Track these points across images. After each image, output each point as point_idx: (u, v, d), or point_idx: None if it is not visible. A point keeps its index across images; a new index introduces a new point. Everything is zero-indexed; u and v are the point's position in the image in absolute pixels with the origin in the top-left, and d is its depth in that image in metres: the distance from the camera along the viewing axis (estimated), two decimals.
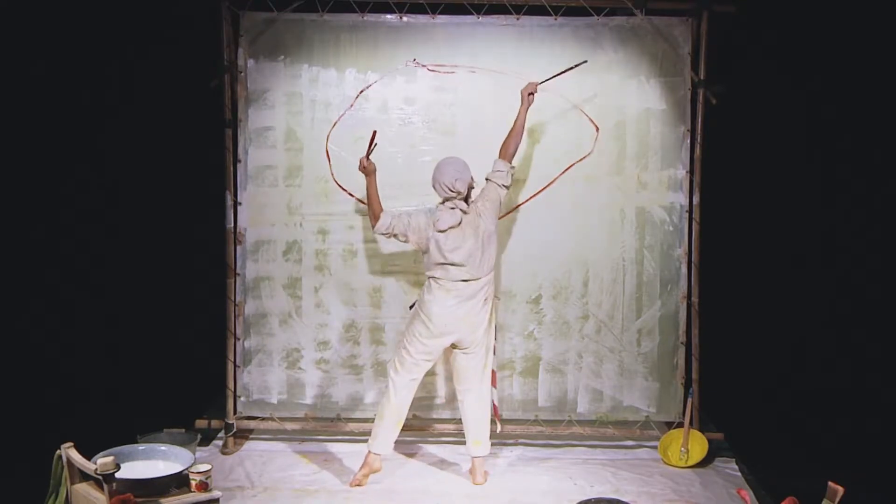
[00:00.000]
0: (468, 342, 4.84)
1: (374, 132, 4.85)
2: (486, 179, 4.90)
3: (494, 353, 5.03)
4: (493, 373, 5.05)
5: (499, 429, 5.10)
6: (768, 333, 5.93)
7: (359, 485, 4.80)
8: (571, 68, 5.09)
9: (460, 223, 4.74)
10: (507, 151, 4.91)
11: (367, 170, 4.82)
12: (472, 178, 4.82)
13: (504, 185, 4.88)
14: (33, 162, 5.53)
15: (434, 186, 4.79)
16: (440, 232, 4.73)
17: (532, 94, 4.97)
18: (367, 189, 4.85)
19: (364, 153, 4.83)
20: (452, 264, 4.73)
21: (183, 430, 5.16)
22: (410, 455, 5.30)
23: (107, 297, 5.82)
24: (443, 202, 4.79)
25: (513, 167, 4.93)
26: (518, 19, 5.33)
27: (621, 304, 5.44)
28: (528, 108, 4.97)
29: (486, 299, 4.83)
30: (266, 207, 5.41)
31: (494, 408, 5.10)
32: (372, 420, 4.95)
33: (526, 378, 5.47)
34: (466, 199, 4.82)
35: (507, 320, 5.44)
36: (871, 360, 5.72)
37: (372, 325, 5.43)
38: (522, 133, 4.99)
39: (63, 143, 5.62)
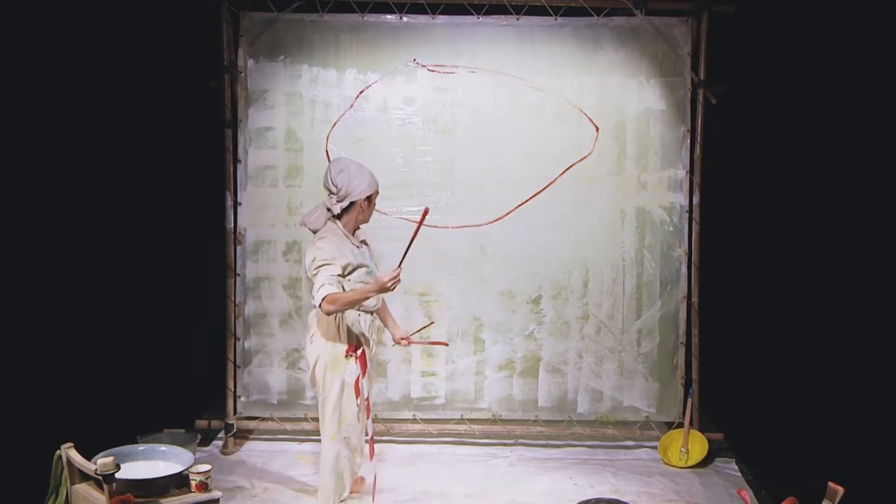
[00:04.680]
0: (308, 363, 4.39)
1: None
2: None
3: (367, 418, 4.41)
4: (371, 442, 4.46)
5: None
6: (768, 333, 5.92)
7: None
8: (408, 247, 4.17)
9: (320, 228, 4.25)
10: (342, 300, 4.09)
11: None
12: (357, 194, 4.19)
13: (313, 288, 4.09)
14: (34, 162, 5.52)
15: None
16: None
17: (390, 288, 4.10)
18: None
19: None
20: None
21: (183, 430, 5.15)
22: (410, 455, 5.29)
23: (106, 296, 5.81)
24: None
25: (313, 304, 4.14)
26: (518, 19, 5.33)
27: (621, 305, 5.44)
28: (376, 291, 4.11)
29: (311, 336, 4.32)
30: (266, 207, 5.41)
31: (357, 478, 4.60)
32: (374, 419, 4.94)
33: (526, 378, 5.47)
34: (342, 216, 4.26)
35: (508, 320, 5.44)
36: (872, 359, 5.72)
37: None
38: (349, 306, 4.14)
39: (63, 144, 5.62)
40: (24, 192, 5.49)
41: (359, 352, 4.32)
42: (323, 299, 4.03)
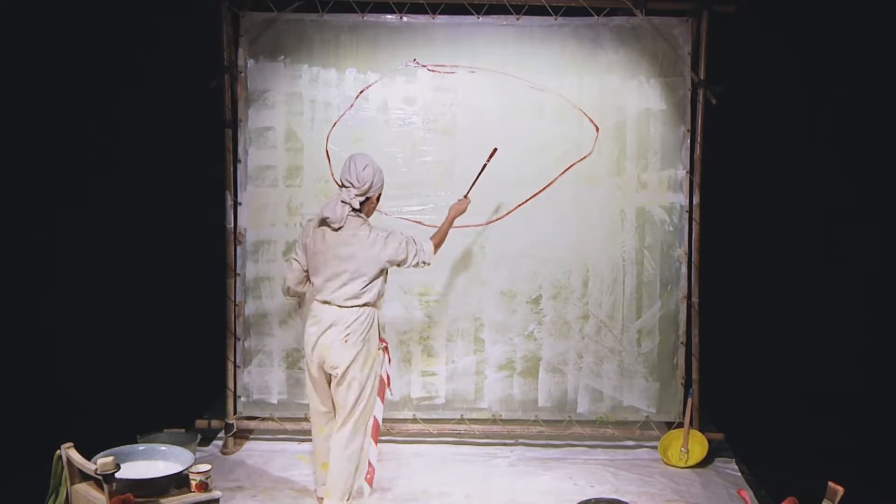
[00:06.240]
0: (334, 364, 4.30)
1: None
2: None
3: (380, 401, 4.45)
4: (376, 424, 4.45)
5: (367, 493, 4.43)
6: (768, 333, 5.93)
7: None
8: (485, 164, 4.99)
9: (341, 226, 4.27)
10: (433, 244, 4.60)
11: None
12: (375, 190, 4.32)
13: (413, 260, 4.42)
14: (35, 161, 5.53)
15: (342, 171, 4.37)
16: (322, 225, 4.31)
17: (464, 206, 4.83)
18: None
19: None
20: (316, 274, 4.32)
21: (183, 430, 5.15)
22: (410, 455, 5.29)
23: (107, 296, 5.82)
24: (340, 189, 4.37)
25: (427, 264, 4.51)
26: (518, 19, 5.33)
27: (621, 304, 5.44)
28: (456, 216, 4.81)
29: (347, 336, 4.26)
30: (266, 207, 5.41)
31: (369, 467, 4.42)
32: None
33: (526, 378, 5.47)
34: (361, 210, 4.32)
35: (508, 320, 5.44)
36: (871, 359, 5.72)
37: None
38: (446, 237, 4.70)
39: (64, 144, 5.62)
40: (24, 192, 5.49)
41: (384, 344, 4.47)
42: (432, 246, 4.55)
